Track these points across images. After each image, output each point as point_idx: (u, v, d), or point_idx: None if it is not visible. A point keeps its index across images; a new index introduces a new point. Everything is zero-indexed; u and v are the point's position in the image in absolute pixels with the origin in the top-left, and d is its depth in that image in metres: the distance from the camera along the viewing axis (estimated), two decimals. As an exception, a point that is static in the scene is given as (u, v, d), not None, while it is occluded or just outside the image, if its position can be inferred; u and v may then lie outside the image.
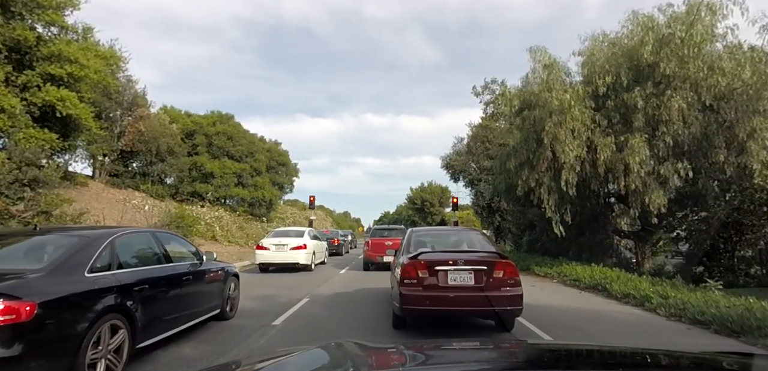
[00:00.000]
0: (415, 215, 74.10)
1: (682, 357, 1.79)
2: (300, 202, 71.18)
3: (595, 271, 11.82)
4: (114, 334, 4.21)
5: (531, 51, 13.94)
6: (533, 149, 13.53)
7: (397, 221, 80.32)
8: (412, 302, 5.88)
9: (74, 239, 4.49)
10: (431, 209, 72.16)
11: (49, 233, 4.97)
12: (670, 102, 11.76)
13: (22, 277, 3.68)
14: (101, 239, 4.57)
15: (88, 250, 4.33)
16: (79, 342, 3.77)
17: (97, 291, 4.11)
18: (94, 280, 4.16)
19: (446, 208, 74.28)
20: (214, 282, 6.67)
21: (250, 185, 33.66)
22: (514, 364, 1.82)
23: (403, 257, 6.51)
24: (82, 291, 3.98)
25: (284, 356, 1.88)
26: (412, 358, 1.84)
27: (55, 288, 3.73)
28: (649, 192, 12.16)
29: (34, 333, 3.40)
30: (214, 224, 25.70)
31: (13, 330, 3.28)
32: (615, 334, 6.77)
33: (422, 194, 73.78)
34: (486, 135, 27.00)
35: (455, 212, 43.89)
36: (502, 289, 5.86)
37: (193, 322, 5.93)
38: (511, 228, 29.80)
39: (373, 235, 17.15)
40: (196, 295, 6.08)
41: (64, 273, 3.96)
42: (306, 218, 40.39)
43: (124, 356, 4.30)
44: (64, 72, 17.30)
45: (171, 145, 29.28)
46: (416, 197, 74.45)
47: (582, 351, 2.19)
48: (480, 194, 36.77)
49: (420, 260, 6.00)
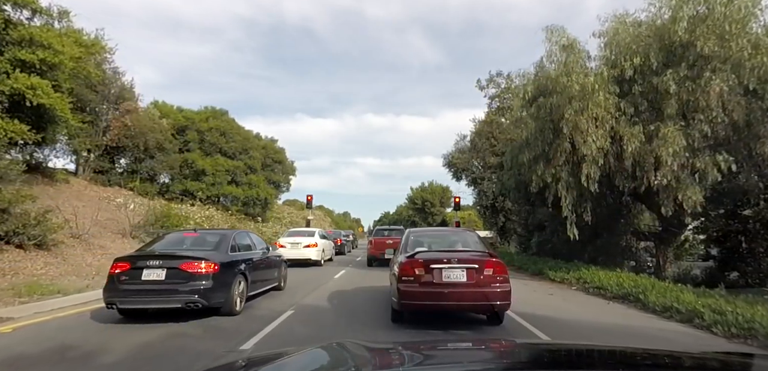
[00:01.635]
0: (415, 215, 72.68)
1: (683, 357, 1.80)
2: (299, 202, 69.49)
3: (624, 278, 10.37)
4: (240, 284, 7.74)
5: (547, 31, 12.54)
6: (549, 140, 12.12)
7: (398, 221, 79.15)
8: (409, 297, 6.37)
9: (218, 236, 8.35)
10: (432, 210, 70.70)
11: (203, 233, 8.99)
12: (708, 86, 10.33)
13: (208, 253, 7.33)
14: (229, 235, 8.37)
15: (227, 240, 8.06)
16: (231, 283, 7.40)
17: (234, 261, 7.80)
18: (232, 256, 7.85)
19: (447, 208, 72.93)
20: (275, 266, 10.11)
21: (244, 184, 32.22)
22: (513, 364, 1.84)
23: (401, 256, 6.97)
24: (229, 261, 7.59)
25: (284, 356, 1.91)
26: (412, 358, 1.82)
27: (221, 258, 7.34)
28: (683, 188, 10.74)
29: (217, 277, 7.01)
30: (204, 223, 24.27)
31: (212, 275, 6.95)
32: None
33: (423, 194, 72.28)
34: (491, 131, 25.55)
35: (457, 213, 42.55)
36: (492, 285, 6.31)
37: (266, 288, 9.51)
38: (517, 229, 28.36)
39: (375, 235, 18.75)
40: (267, 271, 9.54)
41: (220, 252, 7.59)
42: (303, 218, 38.91)
43: (244, 298, 7.89)
44: (36, 58, 15.89)
45: (160, 141, 27.89)
46: (417, 197, 72.94)
47: (582, 351, 2.17)
48: (483, 194, 35.40)
49: (417, 259, 6.45)
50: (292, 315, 7.68)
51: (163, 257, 6.98)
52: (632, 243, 16.93)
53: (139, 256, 7.12)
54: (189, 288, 6.71)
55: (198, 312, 6.95)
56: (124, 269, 6.80)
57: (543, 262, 16.20)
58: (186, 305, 6.70)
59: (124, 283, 6.72)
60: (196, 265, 6.84)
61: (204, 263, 6.89)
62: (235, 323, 6.98)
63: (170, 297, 6.68)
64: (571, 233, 12.01)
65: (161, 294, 6.68)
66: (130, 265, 6.83)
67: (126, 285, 6.71)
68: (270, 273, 9.63)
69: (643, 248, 17.40)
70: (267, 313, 7.79)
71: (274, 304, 8.64)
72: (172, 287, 6.68)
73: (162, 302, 6.73)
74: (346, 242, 28.71)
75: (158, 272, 6.73)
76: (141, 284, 6.68)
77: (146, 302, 6.76)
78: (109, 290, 6.77)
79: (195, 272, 6.80)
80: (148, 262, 6.84)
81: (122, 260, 7.02)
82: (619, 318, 8.01)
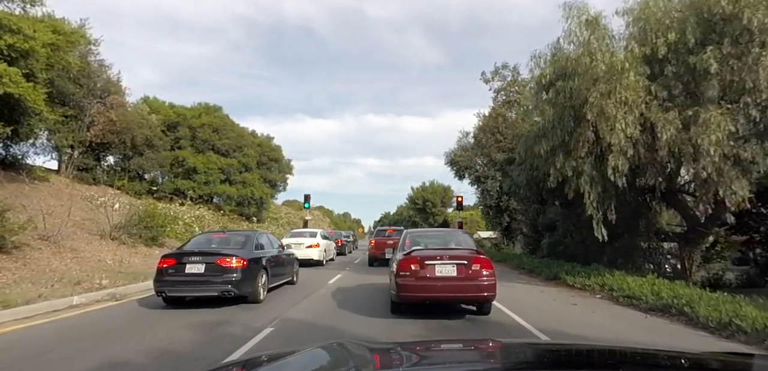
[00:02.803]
0: (416, 215, 71.24)
1: (683, 357, 1.76)
2: (298, 202, 67.98)
3: (661, 286, 8.96)
4: (263, 277, 9.04)
5: (565, 7, 11.17)
6: (570, 128, 10.75)
7: (398, 222, 77.80)
8: (406, 290, 7.03)
9: (243, 236, 9.89)
10: (433, 210, 69.21)
11: (231, 233, 10.56)
12: (756, 64, 8.96)
13: (237, 250, 8.65)
14: (253, 235, 9.92)
15: (251, 240, 9.48)
16: (256, 276, 8.70)
17: (258, 257, 9.10)
18: (257, 253, 9.18)
19: (449, 208, 71.44)
20: (289, 263, 11.27)
21: (238, 182, 30.85)
22: (513, 364, 1.83)
23: (399, 253, 7.62)
24: (254, 257, 8.88)
25: (284, 356, 1.91)
26: (411, 358, 1.83)
27: (247, 255, 8.62)
28: (726, 182, 9.37)
29: (246, 271, 8.28)
30: (193, 224, 22.93)
31: (241, 269, 8.20)
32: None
33: (424, 193, 70.80)
34: (497, 126, 24.16)
35: (459, 213, 41.18)
36: (479, 279, 6.95)
37: (281, 281, 10.66)
38: (523, 229, 26.97)
39: (376, 235, 19.36)
40: (282, 267, 10.62)
41: (247, 250, 8.90)
42: (301, 219, 37.51)
43: (266, 290, 9.21)
44: (4, 43, 14.58)
45: (150, 137, 26.55)
46: (417, 197, 71.44)
47: (582, 350, 2.14)
48: (487, 193, 34.05)
49: (413, 256, 7.12)
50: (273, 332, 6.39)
51: (202, 254, 8.33)
52: (654, 244, 15.53)
53: (182, 253, 8.47)
54: (223, 279, 8.04)
55: (230, 300, 8.26)
56: (171, 264, 8.17)
57: (557, 265, 14.81)
58: (222, 293, 8.04)
59: (171, 275, 8.08)
60: (229, 260, 8.17)
61: (235, 258, 8.22)
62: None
63: (209, 287, 8.04)
64: (599, 234, 10.65)
65: (201, 284, 8.05)
66: (176, 260, 8.20)
67: (172, 276, 8.07)
68: (285, 269, 10.95)
69: (666, 251, 15.99)
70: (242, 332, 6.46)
71: (249, 318, 7.37)
72: (210, 278, 8.04)
73: (202, 290, 8.12)
74: (346, 243, 29.24)
75: (198, 266, 8.08)
76: (185, 276, 8.04)
77: (189, 290, 8.19)
78: (158, 281, 8.11)
79: (228, 266, 8.12)
80: (191, 257, 8.17)
81: (168, 256, 8.46)
82: (668, 336, 6.64)
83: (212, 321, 7.10)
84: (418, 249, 7.38)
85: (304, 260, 16.12)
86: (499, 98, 23.92)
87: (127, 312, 8.04)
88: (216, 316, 7.50)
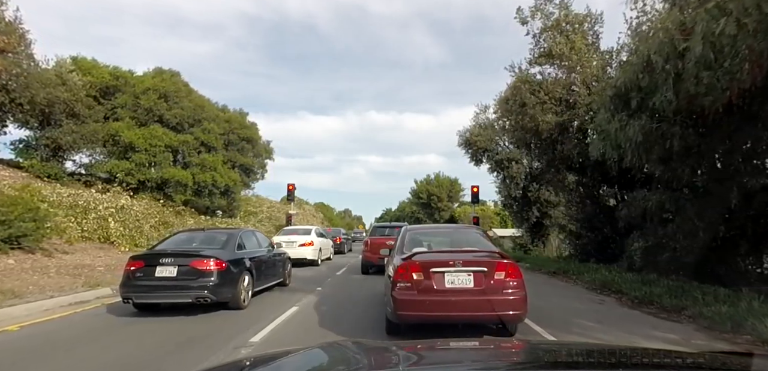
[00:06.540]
0: (419, 211, 64.46)
1: (683, 357, 1.77)
2: (299, 198, 60.76)
3: None
4: (247, 280, 8.19)
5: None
6: None
7: (400, 218, 71.13)
8: (406, 307, 5.49)
9: (225, 235, 8.97)
10: (439, 204, 62.32)
11: (212, 232, 9.85)
12: None
13: (216, 251, 7.81)
14: (236, 234, 9.05)
15: (234, 239, 8.64)
16: (237, 280, 7.83)
17: (240, 258, 8.22)
18: (239, 254, 8.34)
19: (455, 203, 64.57)
20: (279, 263, 10.70)
21: (196, 165, 24.09)
22: (514, 364, 1.81)
23: (396, 257, 6.26)
24: (235, 258, 8.05)
25: (284, 356, 1.89)
26: (410, 358, 1.81)
27: (227, 256, 7.83)
28: None
29: (225, 274, 7.49)
30: (109, 219, 16.18)
31: (219, 272, 7.41)
32: None
33: (428, 187, 63.92)
34: (538, 86, 17.20)
35: (475, 206, 34.37)
36: (504, 292, 5.46)
37: (271, 283, 9.91)
38: (570, 226, 20.12)
39: (372, 234, 16.08)
40: (272, 268, 10.02)
41: (227, 250, 8.07)
42: (285, 213, 30.72)
43: (250, 293, 8.34)
44: None
45: (70, 103, 19.85)
46: (421, 191, 64.56)
47: (582, 350, 2.12)
48: (511, 180, 27.22)
49: (414, 262, 5.60)
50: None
51: (175, 256, 7.52)
52: None
53: (153, 254, 7.69)
54: (199, 283, 7.28)
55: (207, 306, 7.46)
56: (139, 267, 7.37)
57: (688, 290, 8.03)
58: (196, 299, 7.23)
59: (139, 279, 7.30)
60: (205, 263, 7.42)
61: (213, 260, 7.45)
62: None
63: (182, 292, 7.23)
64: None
65: (173, 289, 7.25)
66: (145, 263, 7.40)
67: (141, 281, 7.28)
68: (274, 270, 10.19)
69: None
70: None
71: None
72: (184, 283, 7.26)
73: (174, 296, 7.26)
74: (345, 241, 27.72)
75: (170, 269, 7.31)
76: (155, 280, 7.25)
77: (160, 296, 7.30)
78: (125, 285, 7.33)
79: (204, 269, 7.39)
80: (162, 259, 7.37)
81: (137, 258, 7.63)
82: None
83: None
84: (422, 252, 5.82)
85: (297, 260, 14.91)
86: (538, 47, 17.03)
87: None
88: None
